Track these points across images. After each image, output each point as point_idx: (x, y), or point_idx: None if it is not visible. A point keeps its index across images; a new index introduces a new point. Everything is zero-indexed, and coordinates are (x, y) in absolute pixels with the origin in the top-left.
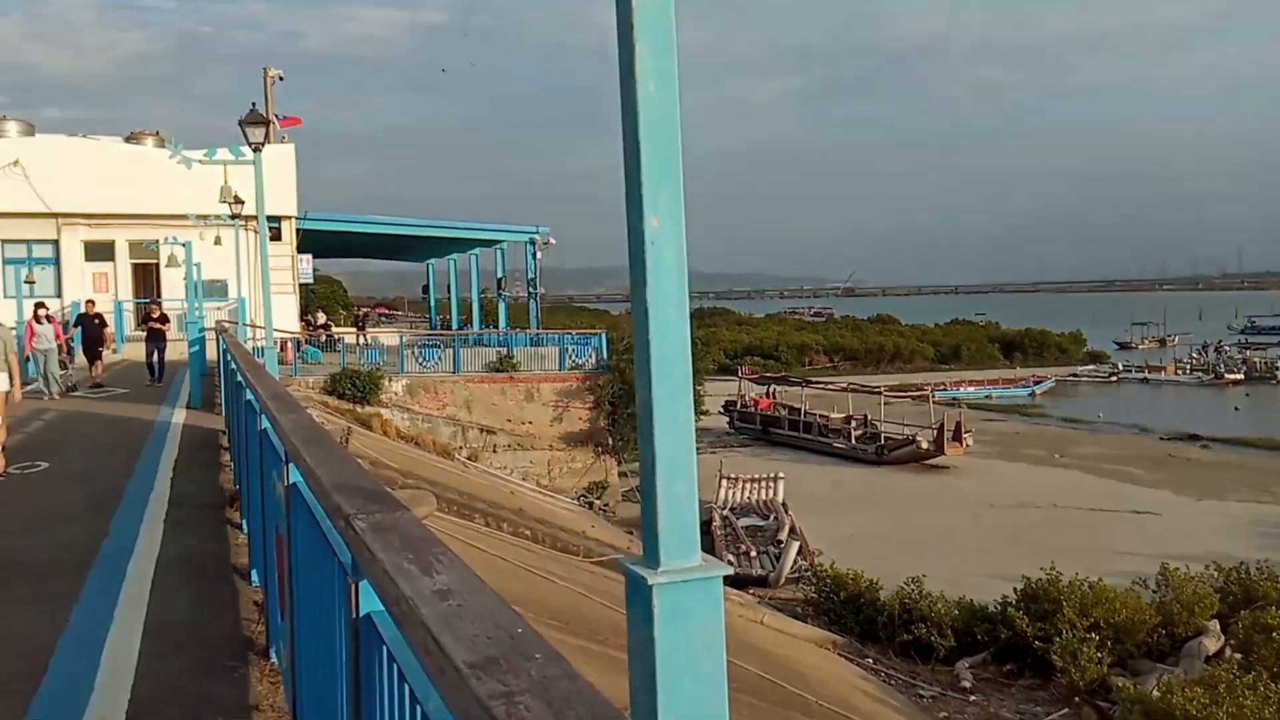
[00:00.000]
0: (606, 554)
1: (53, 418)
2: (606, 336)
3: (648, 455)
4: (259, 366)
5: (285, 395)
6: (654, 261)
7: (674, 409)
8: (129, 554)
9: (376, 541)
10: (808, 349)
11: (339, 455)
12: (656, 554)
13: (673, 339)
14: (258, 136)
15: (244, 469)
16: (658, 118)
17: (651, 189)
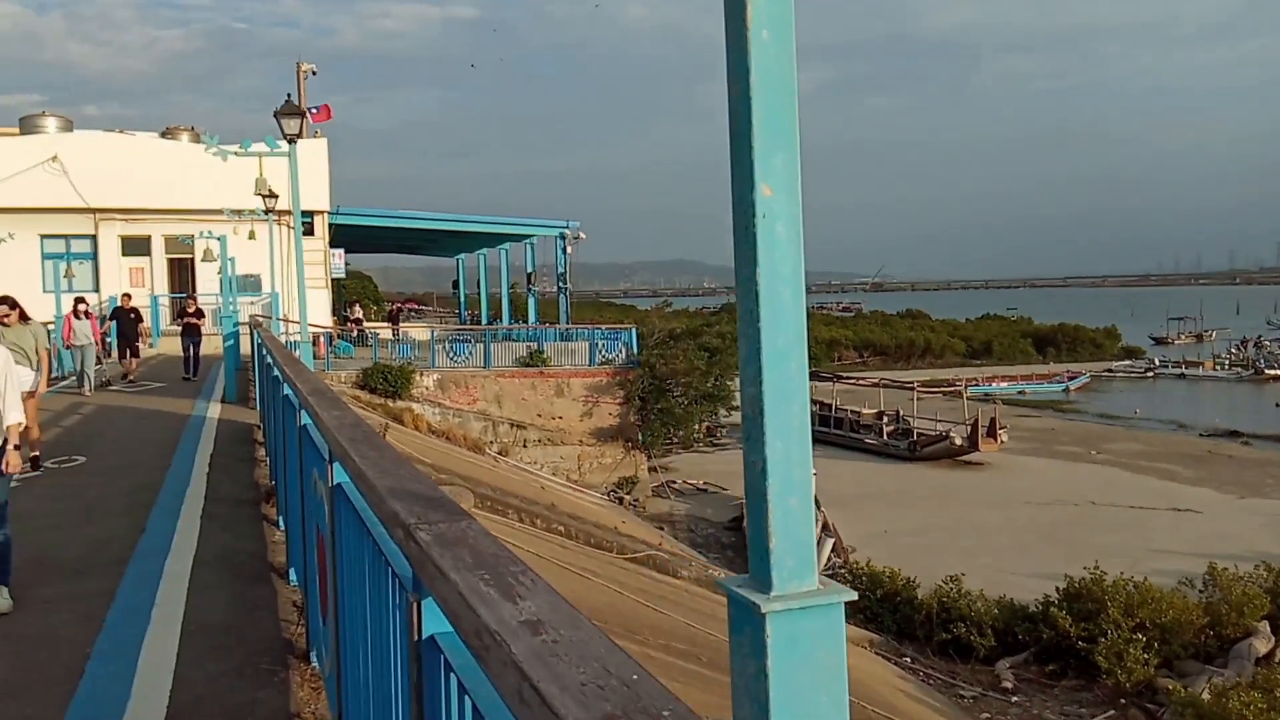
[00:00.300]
0: (640, 550)
1: (89, 411)
2: (636, 331)
3: (756, 463)
4: (297, 361)
5: (326, 390)
6: (765, 238)
7: (787, 410)
8: (165, 551)
9: (445, 558)
10: (837, 344)
11: (391, 456)
12: (768, 576)
13: (787, 329)
14: (293, 128)
15: (280, 465)
16: (772, 71)
17: (764, 153)
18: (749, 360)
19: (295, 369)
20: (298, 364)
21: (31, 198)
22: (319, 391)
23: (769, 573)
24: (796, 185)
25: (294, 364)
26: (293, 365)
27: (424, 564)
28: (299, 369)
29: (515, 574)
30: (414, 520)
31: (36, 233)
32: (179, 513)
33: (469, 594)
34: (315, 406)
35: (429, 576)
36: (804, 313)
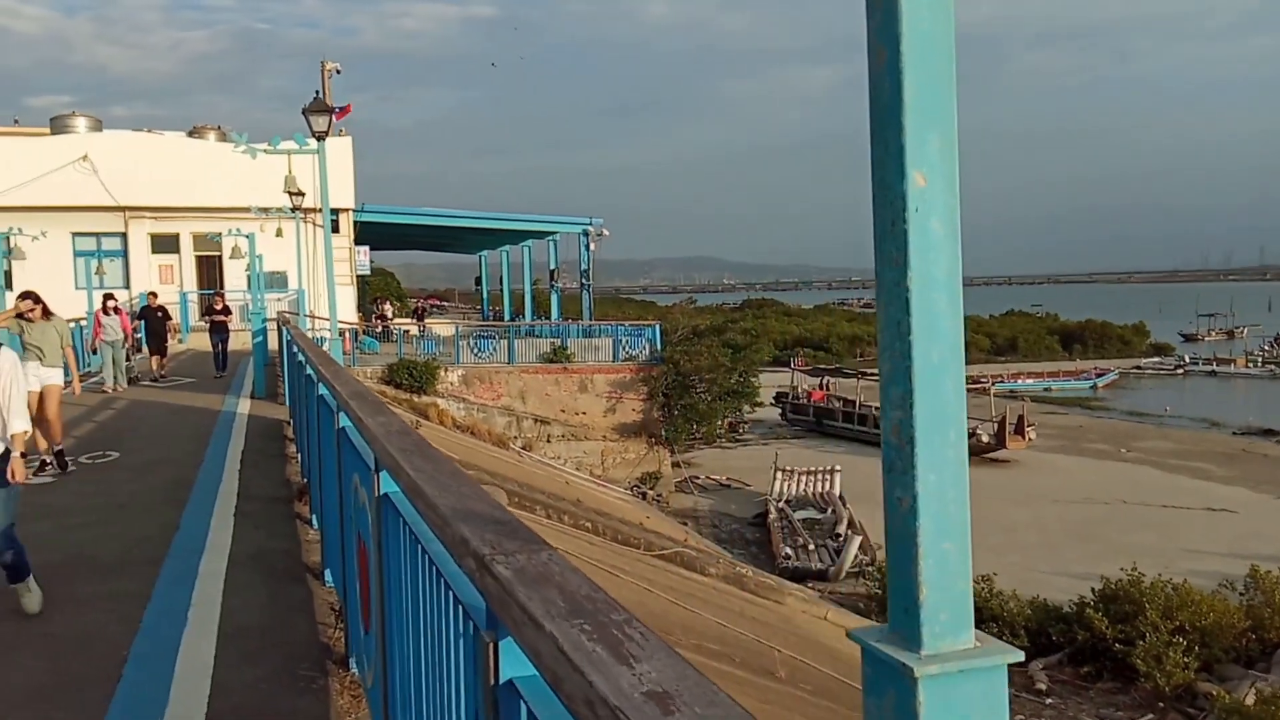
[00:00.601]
0: (666, 547)
1: (123, 406)
2: (660, 328)
3: (902, 500)
4: (332, 361)
5: (367, 393)
6: (918, 235)
7: (942, 438)
8: (200, 550)
9: (534, 600)
10: (859, 340)
11: (446, 468)
12: (916, 632)
13: (942, 342)
14: (321, 125)
15: (313, 464)
16: (928, 32)
17: (917, 134)
18: (895, 379)
19: (331, 369)
20: (333, 363)
21: (63, 197)
22: (360, 395)
23: (918, 629)
24: (954, 172)
25: (329, 363)
26: (328, 365)
27: (505, 604)
28: (335, 369)
29: (620, 625)
30: (488, 550)
31: (68, 231)
32: (212, 510)
33: (573, 652)
34: (358, 412)
35: (512, 620)
36: (961, 323)
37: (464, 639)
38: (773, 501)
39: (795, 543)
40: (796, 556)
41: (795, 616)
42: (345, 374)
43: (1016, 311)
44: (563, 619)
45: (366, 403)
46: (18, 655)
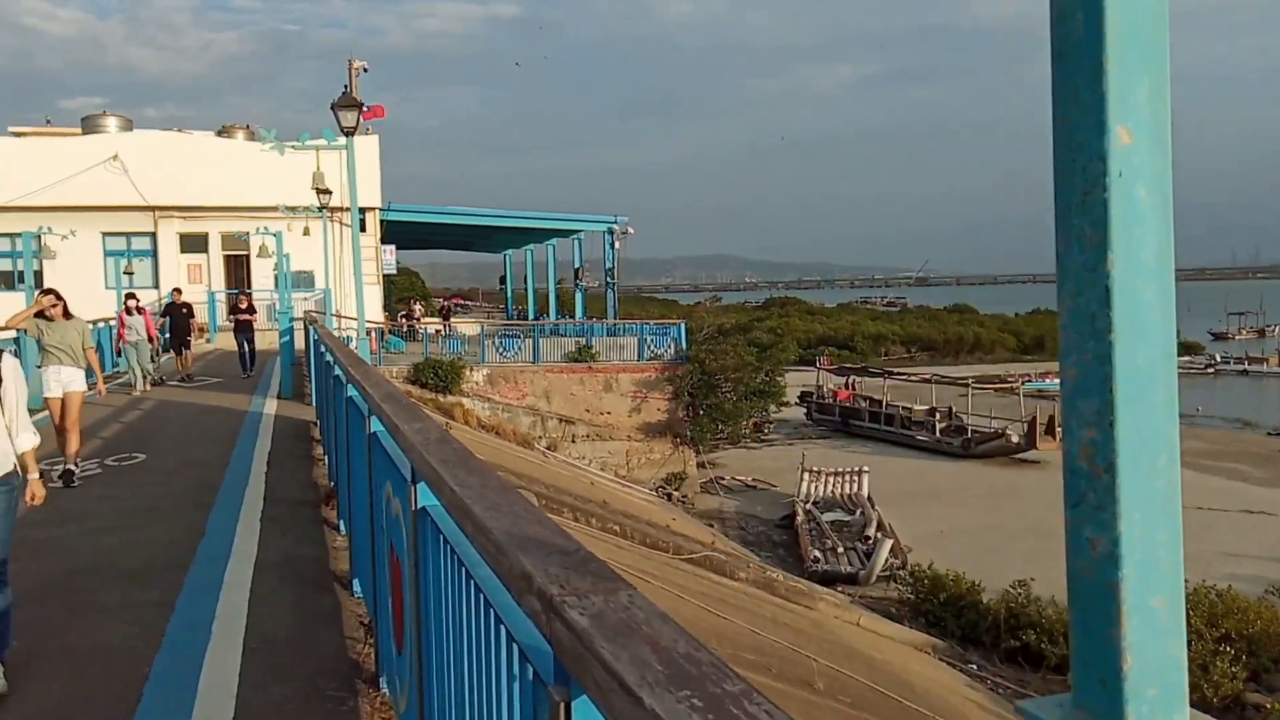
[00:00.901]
0: (695, 551)
1: (150, 407)
2: (685, 327)
3: (1095, 544)
4: (362, 362)
5: (401, 396)
6: (1121, 206)
7: (1151, 464)
8: (226, 556)
9: (622, 659)
10: (883, 339)
11: (494, 483)
12: (1117, 711)
13: (1152, 342)
14: (350, 120)
15: (341, 467)
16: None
17: (1122, 80)
18: (1089, 388)
19: (361, 370)
20: (363, 364)
21: (93, 196)
22: (394, 398)
23: (1119, 707)
24: (1166, 128)
25: (359, 364)
26: (358, 366)
27: (583, 661)
28: (366, 370)
29: (739, 699)
30: (556, 590)
31: (98, 230)
32: (238, 514)
33: None
34: (393, 417)
35: (594, 682)
36: (1174, 319)
37: (522, 687)
38: (800, 503)
39: (824, 545)
40: (825, 560)
41: (828, 622)
42: (376, 375)
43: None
44: (663, 689)
45: (401, 407)
46: (36, 671)
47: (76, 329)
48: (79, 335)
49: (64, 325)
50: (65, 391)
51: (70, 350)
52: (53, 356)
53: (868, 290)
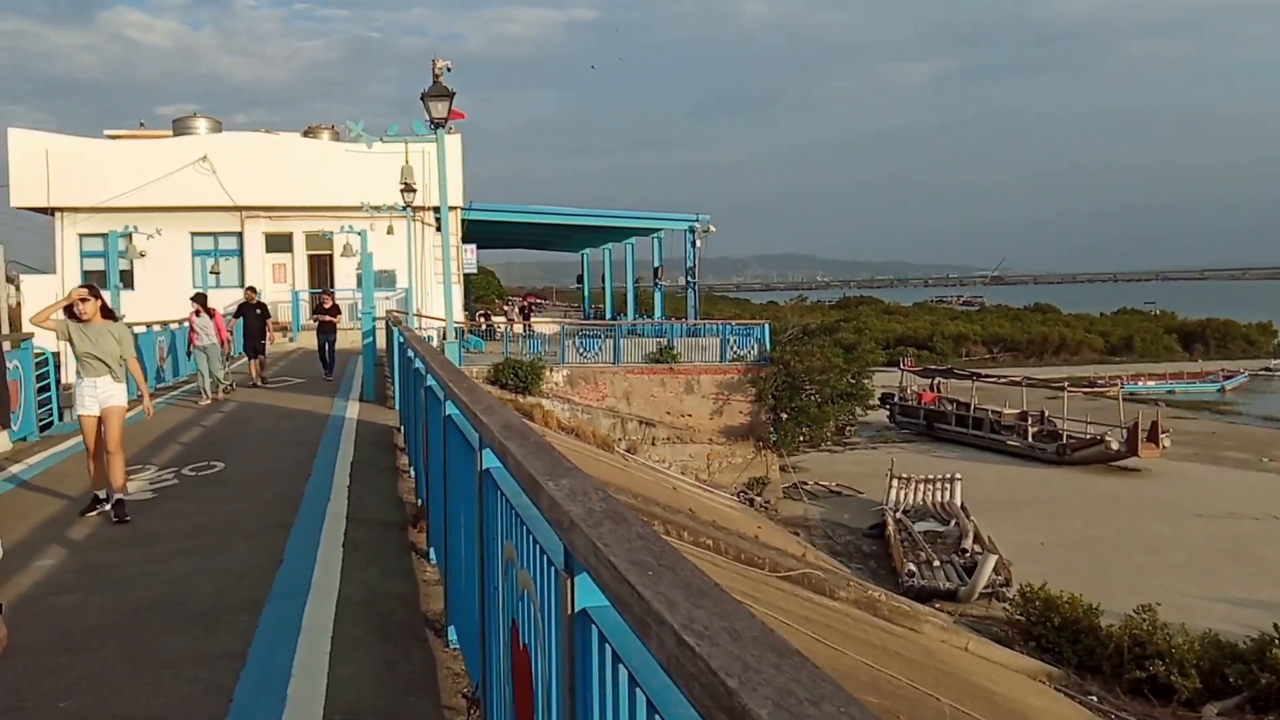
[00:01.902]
0: (792, 567)
1: (231, 410)
2: (769, 327)
3: None
4: (461, 374)
5: (527, 430)
6: None
7: None
8: (305, 591)
9: None
10: (964, 339)
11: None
12: None
13: None
14: (440, 111)
15: (428, 486)
16: None
17: None
18: None
19: (464, 386)
20: (463, 377)
21: (182, 197)
22: (518, 432)
23: None
24: None
25: (458, 378)
26: (458, 380)
27: None
28: (469, 386)
29: None
30: None
31: (187, 231)
32: (319, 536)
33: None
34: (527, 465)
35: None
36: None
37: None
38: (889, 511)
39: (918, 558)
40: (921, 574)
41: (936, 648)
42: (484, 394)
43: (1129, 310)
44: None
45: (534, 447)
46: None
47: (114, 334)
48: (117, 341)
49: (100, 328)
50: (103, 408)
51: (108, 359)
52: (88, 367)
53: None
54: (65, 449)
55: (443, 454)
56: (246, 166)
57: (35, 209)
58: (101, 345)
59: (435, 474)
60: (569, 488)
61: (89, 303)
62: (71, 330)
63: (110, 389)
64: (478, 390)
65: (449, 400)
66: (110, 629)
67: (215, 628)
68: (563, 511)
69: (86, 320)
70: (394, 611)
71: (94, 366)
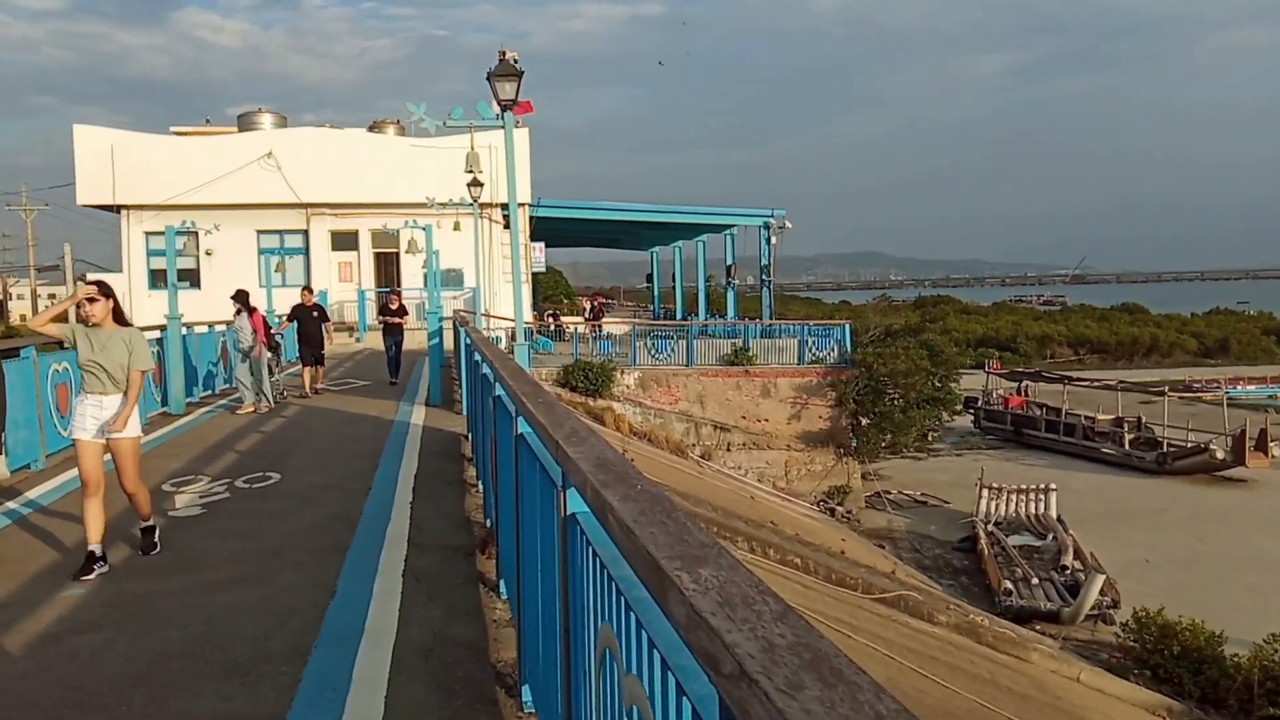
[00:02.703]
0: (887, 589)
1: (293, 414)
2: (850, 328)
3: None
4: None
5: (629, 471)
6: None
7: None
8: (358, 634)
9: None
10: (1049, 340)
11: None
12: None
13: None
14: (508, 93)
15: (498, 508)
16: None
17: None
18: None
19: (543, 405)
20: (541, 391)
21: (248, 194)
22: (618, 475)
23: None
24: None
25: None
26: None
27: None
28: (552, 408)
29: None
30: None
31: (253, 228)
32: (377, 564)
33: None
34: (640, 535)
35: None
36: None
37: None
38: (980, 524)
39: (1013, 574)
40: (1017, 591)
41: (1046, 680)
42: (566, 412)
43: (1221, 309)
44: None
45: (649, 504)
46: None
47: (127, 341)
48: (129, 350)
49: (110, 334)
50: (111, 438)
51: (116, 372)
52: (92, 380)
53: (1021, 289)
54: None
55: (514, 477)
56: (311, 163)
57: (102, 207)
58: (110, 354)
59: (506, 496)
60: (718, 589)
61: (97, 303)
62: (77, 335)
63: (116, 405)
64: (557, 407)
65: (521, 417)
66: (135, 681)
67: (254, 682)
68: (717, 640)
69: (95, 324)
70: (459, 662)
71: (99, 380)
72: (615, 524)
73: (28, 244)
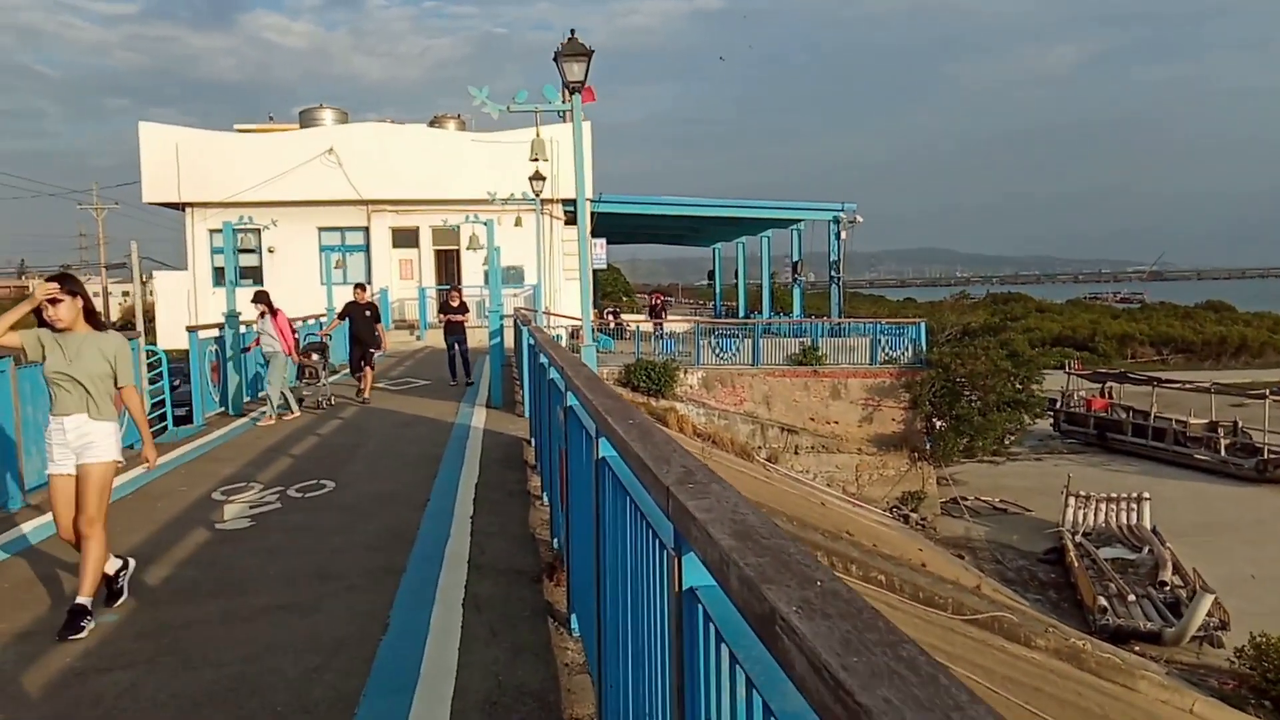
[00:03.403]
0: (976, 608)
1: (351, 415)
2: (926, 326)
3: None
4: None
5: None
6: None
7: None
8: (412, 682)
9: None
10: (1129, 340)
11: None
12: None
13: None
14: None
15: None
16: None
17: None
18: None
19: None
20: (630, 410)
21: (309, 190)
22: (779, 559)
23: None
24: None
25: (619, 408)
26: (618, 409)
27: None
28: (647, 433)
29: None
30: None
31: (314, 225)
32: (434, 593)
33: None
34: (821, 650)
35: None
36: None
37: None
38: (1068, 534)
39: (1107, 590)
40: (1112, 608)
41: (1158, 711)
42: (669, 441)
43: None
44: None
45: (834, 602)
46: None
47: (103, 349)
48: (106, 359)
49: (82, 339)
50: (80, 463)
51: (88, 384)
52: (60, 397)
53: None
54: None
55: (594, 507)
56: (372, 158)
57: (167, 204)
58: (83, 364)
59: (581, 524)
60: None
61: (61, 303)
62: (44, 342)
63: (88, 432)
64: (654, 433)
65: (605, 439)
66: None
67: None
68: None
69: (63, 328)
70: (528, 718)
71: (69, 396)
72: (796, 654)
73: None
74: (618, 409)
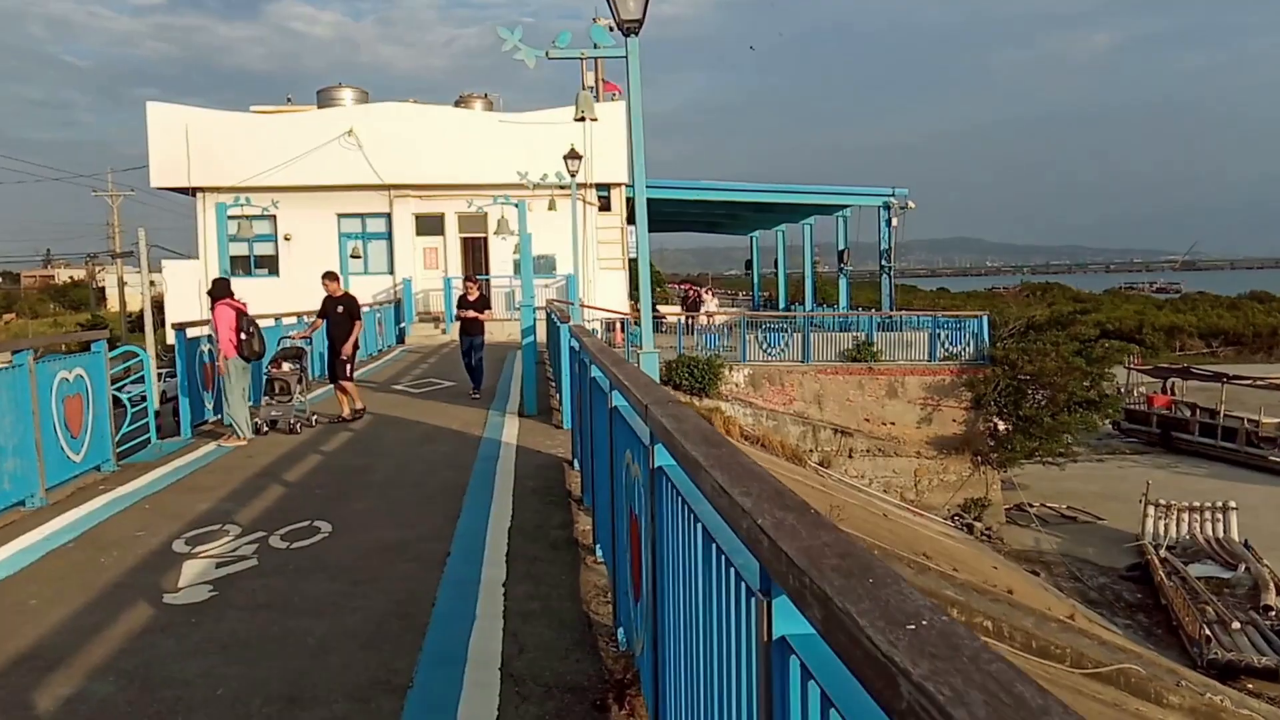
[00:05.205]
0: (1101, 660)
1: (360, 428)
2: (988, 320)
3: None
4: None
5: None
6: None
7: None
8: None
9: None
10: (1177, 331)
11: None
12: None
13: None
14: (632, 11)
15: (655, 617)
16: None
17: None
18: None
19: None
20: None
21: (328, 174)
22: None
23: None
24: None
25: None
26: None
27: None
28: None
29: None
30: None
31: (334, 211)
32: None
33: None
34: None
35: None
36: None
37: None
38: (1150, 548)
39: (1203, 616)
40: (1213, 637)
41: None
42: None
43: None
44: None
45: None
46: None
47: None
48: None
49: None
50: None
51: None
52: None
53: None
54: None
55: (685, 583)
56: (394, 141)
57: (176, 189)
58: None
59: (667, 611)
60: None
61: None
62: None
63: None
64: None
65: (709, 505)
66: None
67: None
68: None
69: None
70: None
71: None
72: None
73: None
74: (725, 457)
